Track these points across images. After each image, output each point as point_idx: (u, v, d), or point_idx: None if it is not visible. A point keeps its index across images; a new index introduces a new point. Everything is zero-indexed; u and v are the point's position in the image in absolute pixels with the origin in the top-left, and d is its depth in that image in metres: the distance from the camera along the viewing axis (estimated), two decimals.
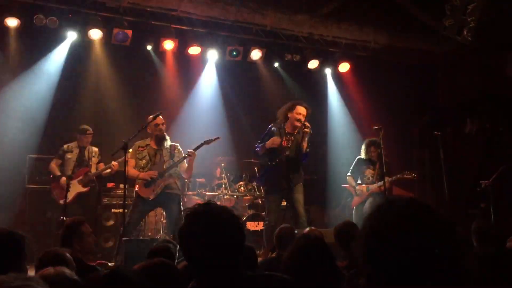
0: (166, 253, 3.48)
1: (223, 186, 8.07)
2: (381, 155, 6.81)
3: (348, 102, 9.70)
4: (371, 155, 7.54)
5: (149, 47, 8.34)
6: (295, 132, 6.42)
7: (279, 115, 6.55)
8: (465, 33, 7.37)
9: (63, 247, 3.52)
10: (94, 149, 7.46)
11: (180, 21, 8.06)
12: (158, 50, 8.39)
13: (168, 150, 6.48)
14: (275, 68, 9.35)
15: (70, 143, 7.37)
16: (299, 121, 6.32)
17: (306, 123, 6.31)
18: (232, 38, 8.50)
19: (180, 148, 6.57)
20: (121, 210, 6.02)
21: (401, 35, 9.08)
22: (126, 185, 5.97)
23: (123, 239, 5.42)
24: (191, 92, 9.14)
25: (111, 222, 7.63)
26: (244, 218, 7.61)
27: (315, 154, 7.31)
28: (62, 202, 6.96)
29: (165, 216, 6.98)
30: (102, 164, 7.39)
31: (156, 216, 7.63)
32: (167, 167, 6.32)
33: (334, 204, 9.20)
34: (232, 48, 8.57)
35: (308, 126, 6.31)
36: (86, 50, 8.18)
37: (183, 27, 8.17)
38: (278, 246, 4.29)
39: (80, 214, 6.49)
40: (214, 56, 8.78)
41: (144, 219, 7.33)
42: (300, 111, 6.34)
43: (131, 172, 6.22)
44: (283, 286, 1.85)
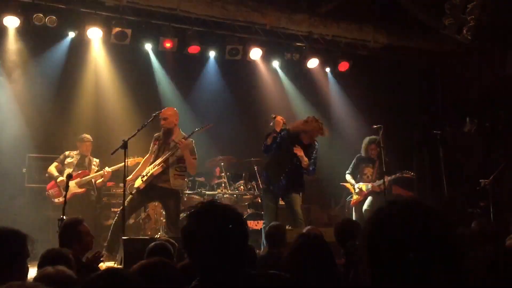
0: (164, 252, 3.48)
1: (223, 185, 8.07)
2: (381, 153, 6.82)
3: (347, 101, 9.70)
4: (371, 153, 7.54)
5: (148, 46, 8.34)
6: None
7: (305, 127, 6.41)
8: (464, 32, 7.37)
9: (61, 247, 3.52)
10: (95, 159, 7.50)
11: (179, 20, 8.04)
12: (158, 49, 8.38)
13: (177, 148, 6.26)
14: (274, 67, 9.35)
15: (72, 151, 7.40)
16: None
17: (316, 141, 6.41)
18: (232, 37, 8.49)
19: (192, 145, 6.36)
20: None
21: (400, 34, 9.08)
22: (125, 185, 5.96)
23: (122, 238, 5.41)
24: (190, 91, 9.14)
25: (111, 222, 7.60)
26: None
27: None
28: (57, 201, 7.01)
29: (164, 215, 6.95)
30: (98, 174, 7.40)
31: (156, 215, 7.63)
32: (163, 159, 6.20)
33: (334, 203, 9.21)
34: (232, 47, 8.56)
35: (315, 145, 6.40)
36: (85, 49, 8.17)
37: (183, 26, 8.16)
38: (268, 244, 4.29)
39: (79, 214, 6.49)
40: (213, 55, 8.79)
41: (140, 211, 7.35)
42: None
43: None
44: (287, 285, 1.85)
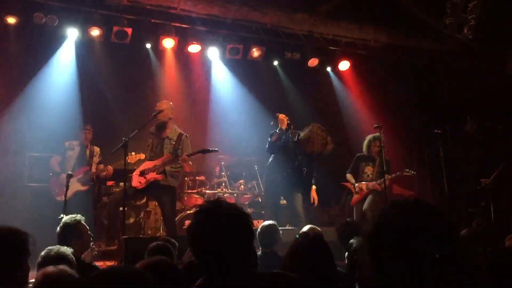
0: (165, 251, 3.48)
1: (223, 184, 8.07)
2: (381, 152, 6.82)
3: (348, 101, 9.69)
4: (373, 150, 7.53)
5: (148, 45, 8.34)
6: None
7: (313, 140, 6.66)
8: (465, 31, 7.37)
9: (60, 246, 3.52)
10: (96, 148, 7.46)
11: (180, 19, 8.04)
12: (158, 48, 8.38)
13: (172, 142, 6.24)
14: (275, 66, 9.34)
15: (72, 140, 7.37)
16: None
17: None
18: (232, 36, 8.48)
19: (187, 141, 6.31)
20: (120, 209, 6.00)
21: (401, 33, 9.07)
22: (126, 183, 5.96)
23: (123, 237, 5.41)
24: (190, 90, 9.13)
25: None
26: None
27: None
28: (59, 199, 6.98)
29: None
30: (102, 165, 7.39)
31: (156, 215, 7.63)
32: (164, 162, 6.16)
33: (335, 202, 9.20)
34: (232, 46, 8.56)
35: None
36: (85, 48, 8.16)
37: (183, 25, 8.15)
38: (260, 243, 4.27)
39: (80, 213, 6.48)
40: (214, 54, 8.78)
41: (140, 210, 7.35)
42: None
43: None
44: (292, 285, 1.84)
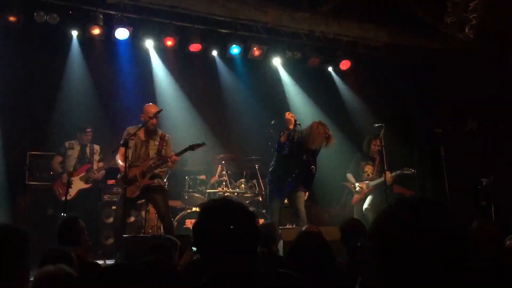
0: (165, 250, 3.48)
1: (224, 183, 8.06)
2: (381, 151, 6.81)
3: (348, 100, 9.68)
4: (373, 149, 7.52)
5: (149, 44, 8.33)
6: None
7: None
8: (466, 30, 7.36)
9: (60, 244, 3.52)
10: (96, 147, 7.46)
11: (180, 18, 8.04)
12: (159, 47, 8.38)
13: (156, 143, 6.23)
14: (275, 65, 9.33)
15: (71, 140, 7.38)
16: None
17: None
18: (233, 35, 8.48)
19: (169, 141, 6.34)
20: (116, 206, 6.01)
21: (402, 32, 9.06)
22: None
23: (123, 236, 5.41)
24: (191, 89, 9.12)
25: (111, 219, 7.62)
26: None
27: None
28: (64, 199, 6.98)
29: None
30: (102, 163, 7.40)
31: (156, 214, 7.62)
32: (152, 166, 6.10)
33: (335, 202, 9.19)
34: (233, 46, 8.55)
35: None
36: (86, 46, 8.17)
37: (184, 24, 8.15)
38: (259, 243, 4.27)
39: (81, 211, 6.50)
40: (214, 53, 8.77)
41: (140, 209, 7.34)
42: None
43: (119, 161, 6.09)
44: (297, 284, 1.84)
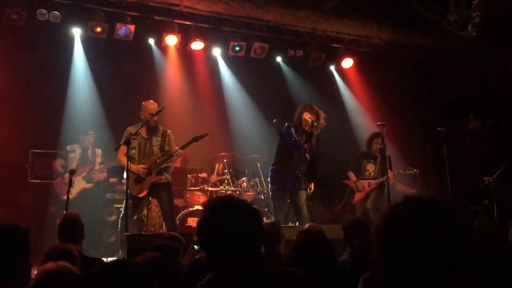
0: (169, 249, 3.48)
1: (225, 182, 8.06)
2: (383, 149, 6.80)
3: (351, 98, 9.67)
4: (374, 148, 7.51)
5: (151, 42, 8.33)
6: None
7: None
8: (469, 28, 7.34)
9: (64, 243, 3.52)
10: (98, 150, 7.50)
11: (183, 16, 8.04)
12: (161, 45, 8.37)
13: (159, 139, 6.27)
14: (278, 63, 9.32)
15: (74, 144, 7.41)
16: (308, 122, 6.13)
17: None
18: (235, 33, 8.47)
19: (172, 136, 6.38)
20: (122, 205, 6.03)
21: (404, 31, 9.04)
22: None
23: (125, 234, 5.41)
24: (193, 88, 9.13)
25: (114, 217, 7.64)
26: None
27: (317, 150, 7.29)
28: (65, 198, 6.99)
29: None
30: (104, 165, 7.43)
31: (158, 211, 7.62)
32: (157, 162, 6.15)
33: (337, 200, 9.20)
34: (235, 44, 8.55)
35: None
36: (88, 45, 8.17)
37: (186, 22, 8.14)
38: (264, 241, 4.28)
39: (83, 210, 6.51)
40: (217, 51, 8.77)
41: (141, 211, 7.37)
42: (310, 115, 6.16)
43: (122, 160, 6.08)
44: (302, 282, 1.84)
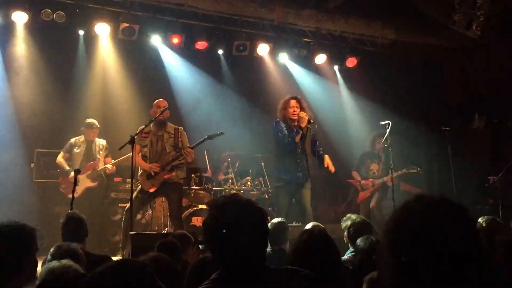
0: (172, 249, 3.49)
1: (230, 181, 8.06)
2: (387, 149, 6.80)
3: (355, 97, 9.66)
4: (378, 147, 7.50)
5: (156, 41, 8.34)
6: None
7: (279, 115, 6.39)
8: (474, 27, 7.32)
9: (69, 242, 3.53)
10: (102, 142, 7.48)
11: (187, 15, 8.05)
12: (165, 44, 8.39)
13: (171, 136, 6.36)
14: (282, 63, 9.31)
15: (77, 137, 7.41)
16: (295, 114, 6.20)
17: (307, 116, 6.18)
18: (239, 32, 8.47)
19: (184, 133, 6.47)
20: (128, 205, 6.05)
21: (409, 30, 9.02)
22: (133, 179, 5.97)
23: (129, 233, 5.43)
24: (197, 87, 9.13)
25: (118, 217, 7.66)
26: None
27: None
28: (70, 196, 7.01)
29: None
30: (109, 159, 7.43)
31: (162, 210, 7.64)
32: (170, 159, 6.25)
33: (341, 200, 9.19)
34: (239, 43, 8.55)
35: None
36: (93, 44, 8.20)
37: (190, 22, 8.16)
38: (270, 240, 4.28)
39: (88, 209, 6.54)
40: (221, 51, 8.77)
41: (146, 210, 7.41)
42: (293, 104, 6.23)
43: (138, 160, 6.17)
44: (308, 281, 1.84)
